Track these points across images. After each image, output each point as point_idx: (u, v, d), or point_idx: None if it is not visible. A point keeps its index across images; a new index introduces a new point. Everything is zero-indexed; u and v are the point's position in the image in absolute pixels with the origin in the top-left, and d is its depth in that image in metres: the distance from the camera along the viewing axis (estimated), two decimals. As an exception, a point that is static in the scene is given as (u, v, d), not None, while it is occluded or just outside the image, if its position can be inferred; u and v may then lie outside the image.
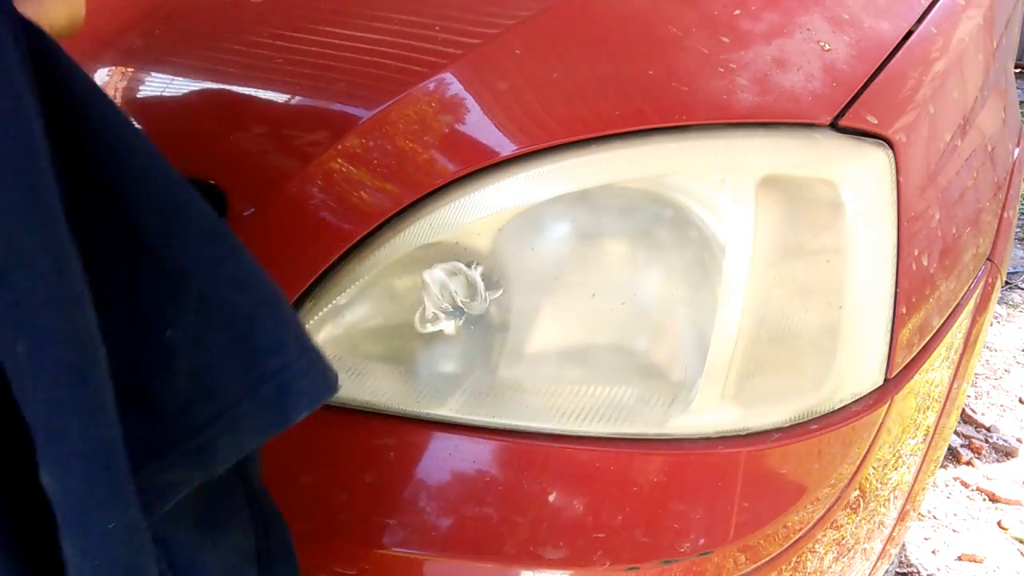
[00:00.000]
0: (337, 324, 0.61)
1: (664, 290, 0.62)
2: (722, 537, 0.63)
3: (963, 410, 1.88)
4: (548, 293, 0.61)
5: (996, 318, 2.36)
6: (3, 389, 0.35)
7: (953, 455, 1.84)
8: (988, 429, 1.94)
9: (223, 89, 0.67)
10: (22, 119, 0.34)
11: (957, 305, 0.82)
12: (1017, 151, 1.09)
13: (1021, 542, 1.62)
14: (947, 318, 0.80)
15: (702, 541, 0.63)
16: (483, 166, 0.60)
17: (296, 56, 0.67)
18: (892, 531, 0.89)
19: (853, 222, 0.65)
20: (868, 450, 0.71)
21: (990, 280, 0.94)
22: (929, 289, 0.73)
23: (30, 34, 0.37)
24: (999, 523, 1.66)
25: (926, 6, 0.82)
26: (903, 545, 1.54)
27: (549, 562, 0.61)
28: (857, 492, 0.73)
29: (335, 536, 0.62)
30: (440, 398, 0.61)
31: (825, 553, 0.73)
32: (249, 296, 0.42)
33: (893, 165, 0.67)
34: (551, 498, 0.61)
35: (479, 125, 0.61)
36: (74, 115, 0.38)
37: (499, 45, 0.64)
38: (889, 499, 0.82)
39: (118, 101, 0.68)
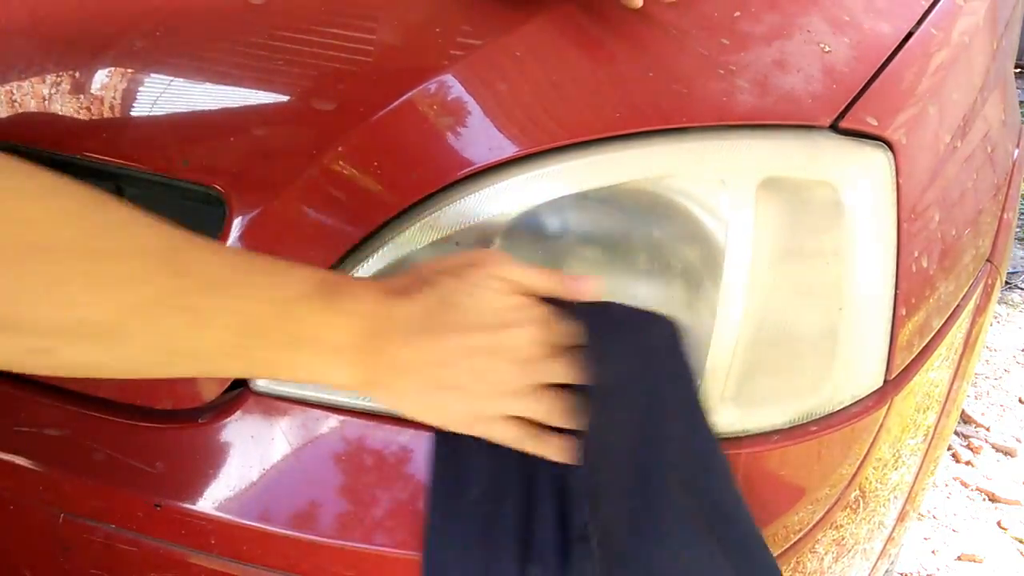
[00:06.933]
0: (338, 326, 0.61)
1: (664, 292, 0.62)
2: (722, 538, 0.63)
3: (963, 410, 1.88)
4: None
5: (996, 318, 2.36)
6: None
7: (953, 455, 1.84)
8: (988, 429, 1.94)
9: (223, 90, 0.68)
10: None
11: (957, 306, 0.82)
12: (1017, 152, 1.09)
13: (1021, 542, 1.62)
14: (947, 319, 0.80)
15: (702, 542, 0.63)
16: (484, 168, 0.60)
17: (297, 57, 0.67)
18: (892, 531, 0.89)
19: (853, 224, 0.65)
20: (868, 451, 0.71)
21: (990, 281, 0.94)
22: (929, 290, 0.73)
23: None
24: (999, 523, 1.66)
25: (926, 7, 0.82)
26: (903, 545, 1.54)
27: (549, 563, 0.61)
28: (857, 493, 0.73)
29: (337, 537, 0.62)
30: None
31: (825, 553, 0.73)
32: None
33: (893, 167, 0.67)
34: (551, 499, 0.60)
35: (480, 127, 0.61)
36: None
37: (500, 47, 0.64)
38: (889, 499, 0.82)
39: (119, 102, 0.68)
